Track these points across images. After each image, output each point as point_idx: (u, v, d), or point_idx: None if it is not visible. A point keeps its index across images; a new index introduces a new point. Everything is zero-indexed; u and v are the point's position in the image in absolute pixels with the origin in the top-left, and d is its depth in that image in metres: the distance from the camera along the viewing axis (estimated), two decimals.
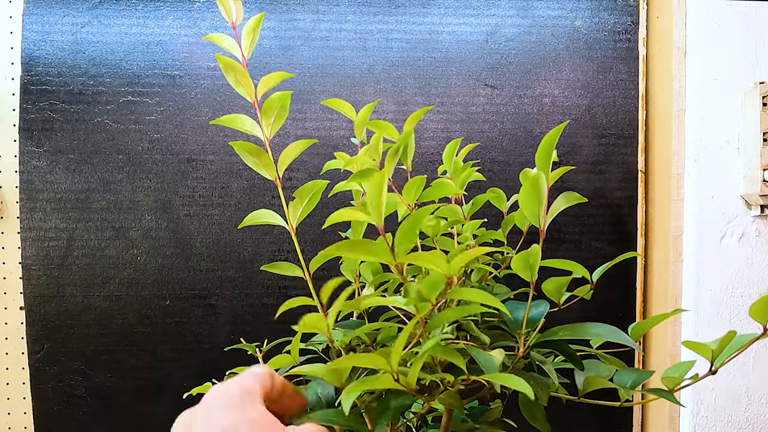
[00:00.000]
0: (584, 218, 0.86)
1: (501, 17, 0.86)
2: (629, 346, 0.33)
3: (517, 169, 0.86)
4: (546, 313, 0.35)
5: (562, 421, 0.86)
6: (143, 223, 0.83)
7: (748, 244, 0.78)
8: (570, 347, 0.35)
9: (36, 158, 0.81)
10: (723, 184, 0.78)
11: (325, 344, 0.46)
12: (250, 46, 0.38)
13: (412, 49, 0.85)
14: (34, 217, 0.82)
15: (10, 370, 0.85)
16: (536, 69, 0.86)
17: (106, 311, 0.83)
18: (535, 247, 0.30)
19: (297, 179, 0.84)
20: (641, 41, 0.86)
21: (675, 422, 0.80)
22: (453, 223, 0.43)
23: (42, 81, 0.81)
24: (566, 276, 0.35)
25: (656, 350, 0.86)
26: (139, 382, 0.84)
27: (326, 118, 0.84)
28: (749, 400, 0.79)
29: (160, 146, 0.83)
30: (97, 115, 0.82)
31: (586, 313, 0.85)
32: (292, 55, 0.84)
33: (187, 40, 0.83)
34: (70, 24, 0.81)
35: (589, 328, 0.33)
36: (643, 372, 0.35)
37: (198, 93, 0.83)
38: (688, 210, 0.79)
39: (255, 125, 0.40)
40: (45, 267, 0.82)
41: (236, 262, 0.84)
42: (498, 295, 0.42)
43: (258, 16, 0.37)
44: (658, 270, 0.85)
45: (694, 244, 0.79)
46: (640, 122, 0.86)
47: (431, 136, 0.85)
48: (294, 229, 0.41)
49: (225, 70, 0.37)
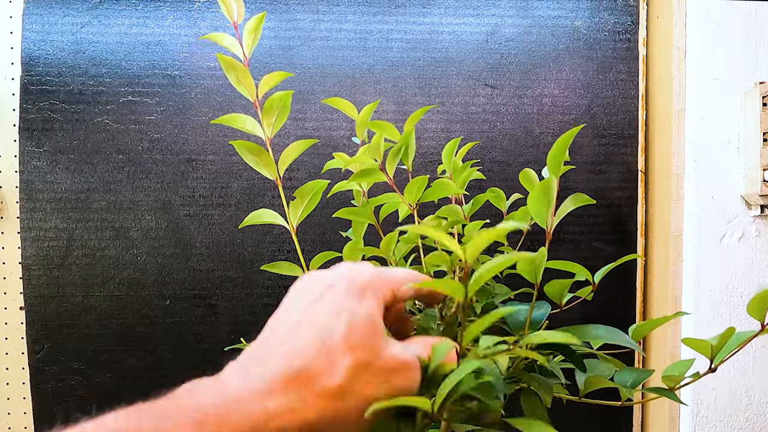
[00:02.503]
0: (584, 218, 0.86)
1: (501, 17, 0.86)
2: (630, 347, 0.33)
3: (517, 169, 0.86)
4: (548, 314, 0.35)
5: (562, 420, 0.86)
6: (143, 223, 0.83)
7: (748, 244, 0.78)
8: (571, 348, 0.35)
9: (36, 158, 0.81)
10: (723, 184, 0.78)
11: None
12: (251, 45, 0.38)
13: (412, 49, 0.85)
14: (34, 217, 0.81)
15: (10, 370, 0.84)
16: (536, 69, 0.86)
17: (106, 311, 0.83)
18: (542, 250, 0.30)
19: (297, 179, 0.84)
20: (641, 41, 0.86)
21: (675, 422, 0.80)
22: (453, 223, 0.43)
23: (42, 81, 0.81)
24: (569, 278, 0.35)
25: (656, 350, 0.86)
26: (139, 382, 0.84)
27: (326, 118, 0.84)
28: (749, 400, 0.79)
29: (160, 146, 0.83)
30: (97, 115, 0.82)
31: (587, 312, 0.85)
32: (292, 55, 0.84)
33: (187, 40, 0.83)
34: (70, 24, 0.81)
35: (590, 330, 0.33)
36: (644, 371, 0.35)
37: (198, 93, 0.83)
38: (688, 210, 0.79)
39: (256, 125, 0.40)
40: (45, 267, 0.82)
41: (236, 262, 0.84)
42: (499, 295, 0.42)
43: (259, 16, 0.37)
44: (658, 270, 0.85)
45: (694, 244, 0.79)
46: (640, 122, 0.86)
47: (431, 136, 0.85)
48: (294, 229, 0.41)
49: (226, 70, 0.37)
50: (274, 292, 0.84)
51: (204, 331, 0.84)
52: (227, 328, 0.84)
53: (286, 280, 0.83)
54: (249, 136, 0.71)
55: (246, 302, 0.84)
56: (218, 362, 0.25)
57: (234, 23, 0.37)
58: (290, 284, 0.29)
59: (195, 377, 0.24)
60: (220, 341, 0.83)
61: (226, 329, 0.84)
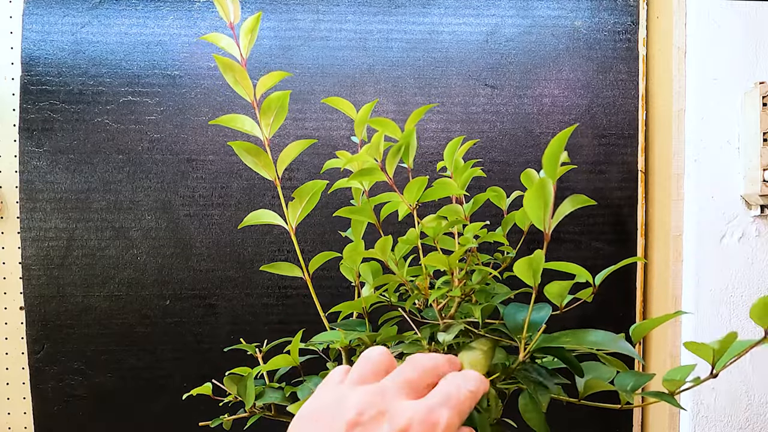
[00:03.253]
0: (584, 218, 0.86)
1: (501, 17, 0.85)
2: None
3: (517, 169, 0.86)
4: (548, 317, 0.35)
5: (562, 421, 0.86)
6: (143, 223, 0.83)
7: (748, 244, 0.78)
8: (570, 353, 0.35)
9: (36, 158, 0.81)
10: (723, 184, 0.78)
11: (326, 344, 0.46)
12: (248, 45, 0.38)
13: (412, 49, 0.85)
14: (34, 217, 0.82)
15: (10, 370, 0.84)
16: (536, 69, 0.86)
17: (106, 311, 0.83)
18: (538, 252, 0.30)
19: (297, 179, 0.84)
20: (641, 41, 0.86)
21: (675, 422, 0.80)
22: (454, 223, 0.43)
23: (42, 81, 0.81)
24: (569, 279, 0.35)
25: (656, 350, 0.86)
26: (139, 382, 0.84)
27: (326, 118, 0.84)
28: (749, 400, 0.79)
29: (160, 146, 0.83)
30: (97, 115, 0.82)
31: (586, 312, 0.85)
32: (292, 55, 0.84)
33: (187, 40, 0.83)
34: (70, 24, 0.81)
35: (588, 336, 0.32)
36: (644, 375, 0.35)
37: (198, 93, 0.83)
38: (688, 210, 0.79)
39: (254, 125, 0.40)
40: (45, 267, 0.82)
41: (236, 262, 0.84)
42: (498, 295, 0.42)
43: (256, 16, 0.37)
44: (658, 270, 0.85)
45: (694, 244, 0.79)
46: (640, 122, 0.86)
47: (431, 136, 0.85)
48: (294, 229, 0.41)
49: (223, 70, 0.37)
50: (274, 292, 0.84)
51: (204, 331, 0.84)
52: (227, 328, 0.84)
53: (286, 280, 0.83)
54: (249, 136, 0.71)
55: (246, 302, 0.84)
56: (218, 362, 0.25)
57: (230, 24, 0.37)
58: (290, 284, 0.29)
59: (195, 377, 0.24)
60: (220, 341, 0.83)
61: (226, 329, 0.84)
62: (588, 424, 0.89)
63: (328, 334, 0.41)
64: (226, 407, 0.49)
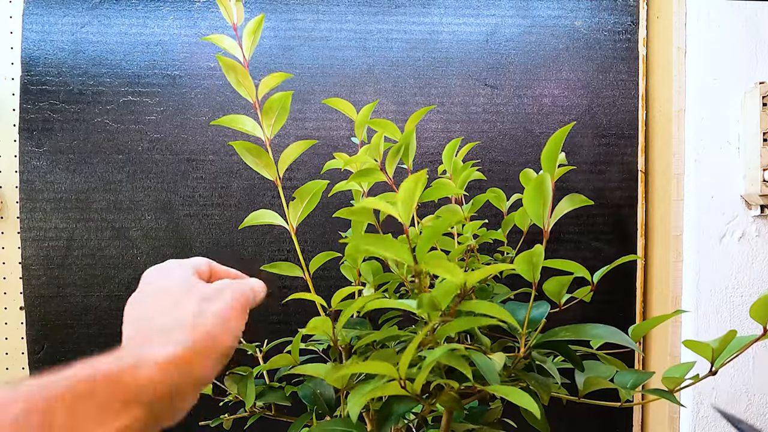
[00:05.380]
0: (584, 218, 0.86)
1: (501, 17, 0.86)
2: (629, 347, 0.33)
3: (517, 169, 0.86)
4: (547, 313, 0.35)
5: (562, 420, 0.86)
6: (143, 223, 0.83)
7: (748, 244, 0.78)
8: (570, 348, 0.35)
9: (36, 158, 0.81)
10: (723, 184, 0.78)
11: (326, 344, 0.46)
12: (251, 47, 0.38)
13: (412, 49, 0.85)
14: (34, 217, 0.81)
15: (10, 370, 0.84)
16: (536, 69, 0.86)
17: (106, 311, 0.83)
18: (538, 247, 0.30)
19: (297, 179, 0.84)
20: (641, 41, 0.86)
21: (675, 422, 0.80)
22: (453, 223, 0.43)
23: (42, 81, 0.81)
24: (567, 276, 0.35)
25: (656, 350, 0.86)
26: None
27: (326, 118, 0.84)
28: (749, 400, 0.79)
29: (160, 146, 0.83)
30: (97, 115, 0.82)
31: (586, 312, 0.85)
32: (292, 55, 0.84)
33: (187, 40, 0.83)
34: (70, 24, 0.81)
35: (589, 329, 0.33)
36: (644, 373, 0.35)
37: (198, 93, 0.83)
38: (688, 210, 0.79)
39: (256, 125, 0.40)
40: (45, 267, 0.82)
41: (236, 262, 0.84)
42: (498, 295, 0.42)
43: (259, 18, 0.37)
44: (658, 270, 0.85)
45: (694, 244, 0.79)
46: (640, 122, 0.86)
47: (431, 136, 0.85)
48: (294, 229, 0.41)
49: (226, 71, 0.37)
50: (273, 292, 0.84)
51: None
52: None
53: (286, 279, 0.83)
54: (249, 136, 0.70)
55: None
56: None
57: (233, 25, 0.37)
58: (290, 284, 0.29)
59: None
60: None
61: None
62: (588, 422, 0.89)
63: (320, 319, 0.40)
64: (226, 407, 0.49)
